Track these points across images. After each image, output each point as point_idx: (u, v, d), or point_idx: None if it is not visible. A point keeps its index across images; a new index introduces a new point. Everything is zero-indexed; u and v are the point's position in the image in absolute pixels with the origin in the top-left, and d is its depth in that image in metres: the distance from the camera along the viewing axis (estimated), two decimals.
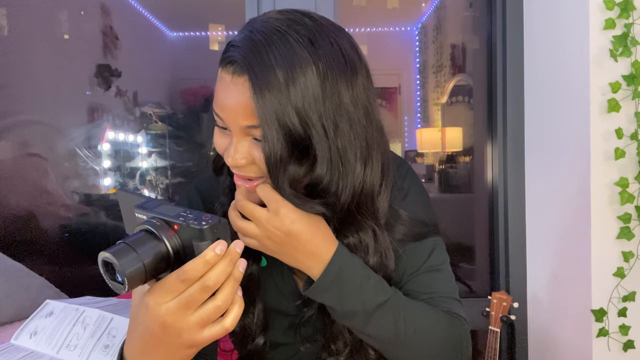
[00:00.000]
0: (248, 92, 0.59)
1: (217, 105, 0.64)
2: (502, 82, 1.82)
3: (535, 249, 1.75)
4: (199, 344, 0.52)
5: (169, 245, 0.50)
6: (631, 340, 1.40)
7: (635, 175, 1.38)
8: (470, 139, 2.14)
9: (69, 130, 2.17)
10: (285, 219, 0.62)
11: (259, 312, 0.75)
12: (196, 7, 2.45)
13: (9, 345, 1.09)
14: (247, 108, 0.60)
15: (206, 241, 0.49)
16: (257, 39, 0.61)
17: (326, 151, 0.61)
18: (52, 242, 2.08)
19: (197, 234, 0.49)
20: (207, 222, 0.49)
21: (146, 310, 0.51)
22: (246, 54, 0.60)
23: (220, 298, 0.50)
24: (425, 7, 2.44)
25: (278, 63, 0.58)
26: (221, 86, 0.63)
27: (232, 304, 0.52)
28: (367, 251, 0.69)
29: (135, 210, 0.53)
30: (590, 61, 1.39)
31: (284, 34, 0.60)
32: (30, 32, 2.14)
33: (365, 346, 0.75)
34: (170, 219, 0.51)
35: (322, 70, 0.59)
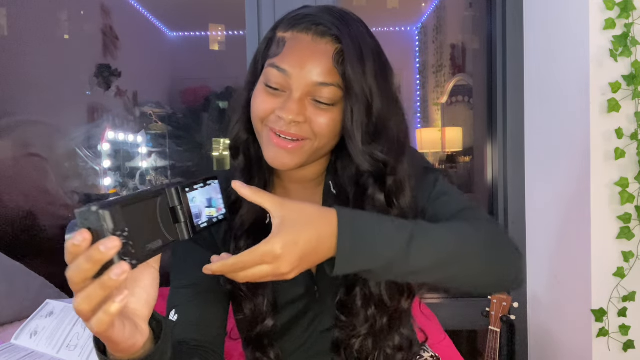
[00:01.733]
0: (330, 53, 0.67)
1: (287, 61, 0.68)
2: (502, 82, 1.82)
3: (535, 249, 1.75)
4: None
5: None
6: (631, 340, 1.40)
7: (635, 175, 1.38)
8: (470, 139, 2.14)
9: (69, 130, 2.17)
10: (284, 250, 0.57)
11: (269, 294, 0.76)
12: (196, 7, 2.45)
13: (9, 345, 1.09)
14: (326, 68, 0.67)
15: (79, 228, 0.45)
16: (336, 13, 0.70)
17: (383, 120, 0.69)
18: (52, 242, 2.08)
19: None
20: (83, 208, 0.45)
21: None
22: (332, 21, 0.68)
23: (76, 299, 0.46)
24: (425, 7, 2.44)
25: (358, 37, 0.68)
26: (297, 45, 0.68)
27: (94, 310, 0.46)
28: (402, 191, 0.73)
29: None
30: (590, 61, 1.39)
31: (353, 18, 0.71)
32: (30, 32, 2.14)
33: (379, 326, 0.75)
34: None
35: (379, 59, 0.70)
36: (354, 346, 0.75)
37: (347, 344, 0.76)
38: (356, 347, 0.75)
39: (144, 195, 0.51)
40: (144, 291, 0.52)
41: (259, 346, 0.78)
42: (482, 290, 0.72)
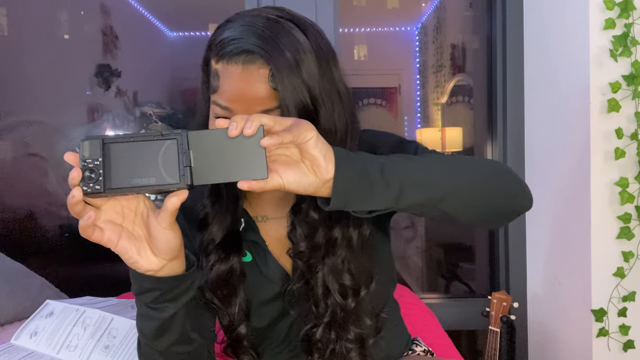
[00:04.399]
0: (264, 78, 0.64)
1: (225, 98, 0.67)
2: (502, 82, 1.82)
3: (535, 249, 1.75)
4: None
5: None
6: (631, 340, 1.40)
7: (635, 175, 1.38)
8: (470, 138, 2.14)
9: (69, 130, 2.17)
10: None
11: (242, 302, 0.78)
12: (196, 7, 2.45)
13: (9, 345, 1.09)
14: (265, 94, 0.65)
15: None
16: (259, 30, 0.66)
17: (328, 123, 0.69)
18: (52, 242, 2.08)
19: None
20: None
21: None
22: (257, 43, 0.64)
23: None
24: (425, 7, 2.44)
25: (287, 48, 0.65)
26: (230, 79, 0.66)
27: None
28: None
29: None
30: (590, 61, 1.39)
31: (280, 24, 0.67)
32: (30, 32, 2.14)
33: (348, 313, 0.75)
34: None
35: (316, 53, 0.68)
36: (315, 334, 0.76)
37: (312, 336, 0.77)
38: (317, 336, 0.76)
39: (149, 136, 0.53)
40: (159, 233, 0.56)
41: (234, 352, 0.81)
42: (493, 213, 0.71)
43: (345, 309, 0.75)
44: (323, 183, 0.58)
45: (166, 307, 0.61)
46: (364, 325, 0.77)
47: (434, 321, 1.45)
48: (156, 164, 0.53)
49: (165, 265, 0.58)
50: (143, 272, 0.58)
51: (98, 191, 0.52)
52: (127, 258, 0.57)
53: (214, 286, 0.76)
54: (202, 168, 0.54)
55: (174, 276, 0.59)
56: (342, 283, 0.74)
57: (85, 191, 0.52)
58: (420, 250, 2.27)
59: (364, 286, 0.76)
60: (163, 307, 0.61)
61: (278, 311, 0.81)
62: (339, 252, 0.74)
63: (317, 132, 0.57)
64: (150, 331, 0.64)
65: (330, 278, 0.74)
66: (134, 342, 1.01)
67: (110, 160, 0.53)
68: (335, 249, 0.74)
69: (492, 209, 0.70)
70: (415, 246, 2.26)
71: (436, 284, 2.27)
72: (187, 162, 0.53)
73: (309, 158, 0.56)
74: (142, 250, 0.57)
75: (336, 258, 0.74)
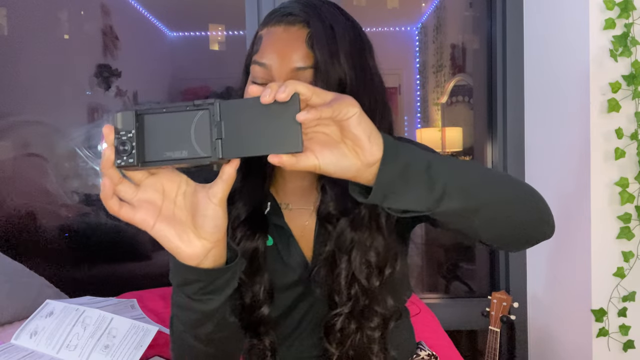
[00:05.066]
0: (302, 37, 0.69)
1: (264, 55, 0.71)
2: (502, 82, 1.82)
3: (535, 249, 1.75)
4: None
5: None
6: (631, 340, 1.40)
7: (635, 175, 1.38)
8: (470, 138, 2.14)
9: (69, 130, 2.17)
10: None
11: (265, 283, 0.78)
12: (196, 7, 2.45)
13: (9, 345, 1.09)
14: (301, 52, 0.69)
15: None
16: (306, 1, 0.74)
17: (359, 96, 0.66)
18: (52, 242, 2.08)
19: None
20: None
21: None
22: (300, 7, 0.72)
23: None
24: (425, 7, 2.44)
25: (327, 18, 0.71)
26: (271, 38, 0.71)
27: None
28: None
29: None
30: (590, 61, 1.39)
31: (325, 3, 0.74)
32: (30, 32, 2.14)
33: (369, 302, 0.76)
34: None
35: (353, 35, 0.73)
36: (335, 325, 0.76)
37: (333, 326, 0.77)
38: (338, 326, 0.76)
39: (182, 106, 0.52)
40: (208, 209, 0.54)
41: (255, 333, 0.80)
42: (517, 234, 0.68)
43: (369, 292, 0.75)
44: (366, 167, 0.53)
45: (210, 300, 0.59)
46: (386, 306, 0.77)
47: (435, 322, 1.45)
48: (189, 136, 0.51)
49: (210, 251, 0.55)
50: (186, 259, 0.55)
51: (132, 164, 0.50)
52: (167, 243, 0.54)
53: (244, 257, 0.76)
54: (234, 140, 0.51)
55: (219, 268, 0.57)
56: (368, 260, 0.74)
57: (119, 164, 0.50)
58: (420, 250, 2.27)
59: (389, 265, 0.76)
60: (206, 300, 0.59)
61: (292, 300, 0.81)
62: (365, 227, 0.74)
63: (361, 109, 0.52)
64: (189, 321, 0.62)
65: (355, 254, 0.74)
66: (134, 341, 1.02)
67: (144, 132, 0.51)
68: (362, 223, 0.74)
69: (516, 231, 0.67)
70: (416, 246, 2.26)
71: (436, 284, 2.27)
72: (219, 134, 0.51)
73: (350, 138, 0.52)
74: (183, 234, 0.54)
75: (362, 233, 0.74)
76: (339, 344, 0.77)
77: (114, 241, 2.09)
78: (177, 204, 0.54)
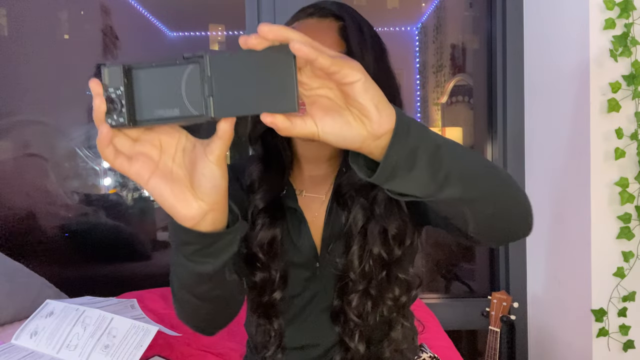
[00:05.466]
0: (334, 28, 0.77)
1: None
2: (502, 82, 1.82)
3: (535, 249, 1.75)
4: None
5: None
6: (631, 340, 1.40)
7: (635, 175, 1.38)
8: (471, 138, 2.14)
9: (69, 130, 2.16)
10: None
11: (282, 266, 0.81)
12: (196, 7, 2.45)
13: (10, 345, 1.09)
14: (333, 41, 0.76)
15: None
16: (338, 3, 0.82)
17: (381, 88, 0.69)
18: (52, 242, 2.08)
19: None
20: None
21: None
22: (332, 5, 0.80)
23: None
24: (425, 7, 2.44)
25: (356, 16, 0.80)
26: (304, 28, 0.78)
27: None
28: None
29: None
30: (590, 61, 1.39)
31: (352, 7, 0.82)
32: (30, 32, 2.14)
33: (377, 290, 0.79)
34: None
35: (377, 38, 0.81)
36: (352, 302, 0.79)
37: (345, 309, 0.80)
38: (354, 303, 0.79)
39: (172, 60, 0.48)
40: (205, 167, 0.50)
41: (265, 315, 0.83)
42: (503, 228, 0.67)
43: (391, 263, 0.78)
44: (373, 139, 0.48)
45: (207, 262, 0.56)
46: (409, 273, 0.81)
47: (435, 322, 1.45)
48: (180, 92, 0.47)
49: (207, 214, 0.51)
50: (181, 219, 0.51)
51: (123, 124, 0.47)
52: (161, 200, 0.50)
53: (261, 244, 0.80)
54: (226, 98, 0.47)
55: (216, 232, 0.53)
56: (388, 233, 0.78)
57: (110, 124, 0.47)
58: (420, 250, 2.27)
59: (408, 236, 0.79)
60: (203, 262, 0.56)
61: (297, 283, 0.84)
62: (385, 202, 0.78)
63: (367, 75, 0.46)
64: (186, 280, 0.61)
65: (373, 228, 0.77)
66: (134, 341, 1.01)
67: (133, 88, 0.48)
68: (383, 198, 0.78)
69: (504, 224, 0.66)
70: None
71: (436, 284, 2.27)
72: (210, 91, 0.47)
73: (356, 106, 0.47)
74: (180, 193, 0.50)
75: (381, 208, 0.78)
76: (349, 328, 0.80)
77: (114, 241, 2.09)
78: (175, 161, 0.51)
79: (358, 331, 0.80)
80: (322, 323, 0.84)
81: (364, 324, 0.79)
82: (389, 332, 0.82)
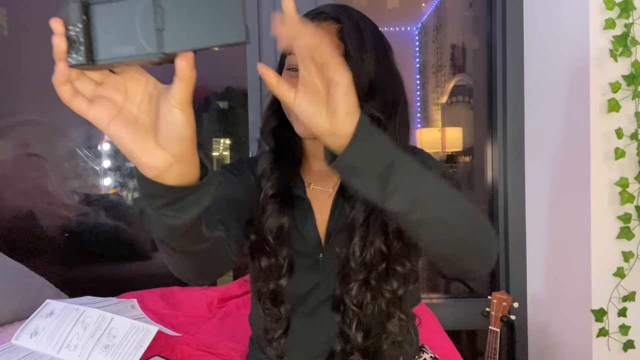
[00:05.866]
0: (333, 31, 0.79)
1: None
2: (502, 82, 1.82)
3: (535, 249, 1.75)
4: None
5: None
6: (631, 340, 1.40)
7: (635, 175, 1.38)
8: (470, 138, 2.14)
9: (69, 130, 2.17)
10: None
11: (287, 256, 0.84)
12: None
13: (10, 345, 1.09)
14: (331, 42, 0.74)
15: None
16: (337, 4, 0.85)
17: (380, 100, 0.79)
18: (52, 242, 2.08)
19: None
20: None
21: None
22: (331, 8, 0.83)
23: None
24: (425, 7, 2.44)
25: (355, 16, 0.82)
26: None
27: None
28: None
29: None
30: (590, 61, 1.39)
31: (354, 9, 0.84)
32: (30, 32, 2.15)
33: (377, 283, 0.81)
34: None
35: (379, 36, 0.83)
36: (351, 291, 0.81)
37: (345, 298, 0.82)
38: (354, 292, 0.81)
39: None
40: (167, 113, 0.48)
41: (272, 300, 0.85)
42: (460, 253, 0.67)
43: (389, 255, 0.80)
44: (333, 136, 0.55)
45: (176, 216, 0.54)
46: (405, 266, 0.82)
47: (435, 322, 1.45)
48: (134, 28, 0.45)
49: (172, 166, 0.49)
50: (143, 168, 0.49)
51: (82, 63, 0.45)
52: (121, 146, 0.48)
53: (270, 230, 0.83)
54: (177, 32, 0.45)
55: (182, 186, 0.51)
56: (388, 225, 0.80)
57: (70, 63, 0.45)
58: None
59: (406, 232, 0.79)
60: (172, 215, 0.54)
61: (299, 273, 0.86)
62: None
63: (351, 84, 0.54)
64: (160, 234, 0.59)
65: (375, 220, 0.79)
66: (134, 341, 1.01)
67: (91, 26, 0.46)
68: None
69: (452, 259, 0.68)
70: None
71: (436, 284, 2.27)
72: (162, 24, 0.45)
73: (331, 104, 0.54)
74: (142, 140, 0.48)
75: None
76: (348, 317, 0.81)
77: (114, 241, 2.09)
78: (141, 108, 0.49)
79: (356, 319, 0.81)
80: (321, 314, 0.87)
81: (362, 313, 0.81)
82: (386, 324, 0.84)
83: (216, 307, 1.51)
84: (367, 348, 0.83)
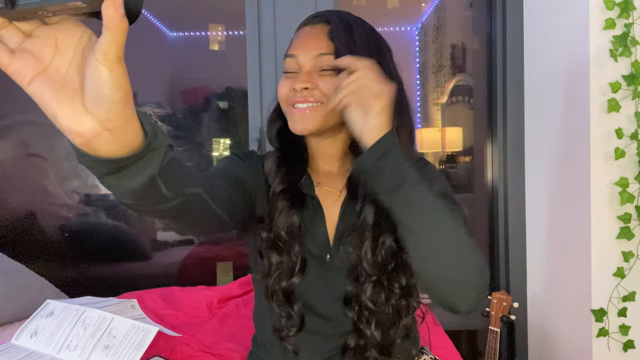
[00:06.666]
0: (324, 32, 0.83)
1: (293, 48, 0.85)
2: (502, 82, 1.82)
3: (535, 249, 1.75)
4: None
5: None
6: (631, 340, 1.40)
7: (635, 175, 1.38)
8: (470, 139, 2.14)
9: None
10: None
11: (300, 254, 0.84)
12: (196, 7, 2.45)
13: (10, 345, 1.09)
14: (323, 43, 0.83)
15: None
16: (332, 10, 0.90)
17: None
18: (52, 242, 2.08)
19: None
20: None
21: None
22: (325, 12, 0.88)
23: None
24: (425, 7, 2.44)
25: (346, 17, 0.85)
26: (300, 35, 0.86)
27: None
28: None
29: None
30: (590, 61, 1.39)
31: (348, 13, 0.88)
32: None
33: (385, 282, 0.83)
34: None
35: (372, 35, 0.85)
36: (366, 292, 0.82)
37: (361, 297, 0.83)
38: (369, 292, 0.82)
39: None
40: (92, 69, 0.41)
41: (286, 299, 0.85)
42: (447, 276, 0.70)
43: (397, 252, 0.81)
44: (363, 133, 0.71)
45: (117, 185, 0.50)
46: (409, 275, 0.84)
47: (435, 322, 1.45)
48: None
49: (101, 133, 0.43)
50: (67, 133, 0.43)
51: (0, 7, 0.39)
52: (44, 107, 0.42)
53: (283, 227, 0.84)
54: None
55: (114, 158, 0.46)
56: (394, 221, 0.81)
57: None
58: None
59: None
60: (114, 184, 0.50)
61: (307, 272, 0.86)
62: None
63: (389, 104, 0.72)
64: (115, 197, 0.54)
65: (385, 218, 0.80)
66: (134, 342, 1.01)
67: None
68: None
69: (444, 286, 0.72)
70: None
71: None
72: None
73: (366, 111, 0.72)
74: (68, 102, 0.42)
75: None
76: (364, 316, 0.82)
77: (114, 241, 2.09)
78: (72, 65, 0.42)
79: (375, 318, 0.82)
80: (329, 312, 0.87)
81: (379, 310, 0.82)
82: (399, 319, 0.85)
83: (216, 307, 1.51)
84: (382, 343, 0.84)
